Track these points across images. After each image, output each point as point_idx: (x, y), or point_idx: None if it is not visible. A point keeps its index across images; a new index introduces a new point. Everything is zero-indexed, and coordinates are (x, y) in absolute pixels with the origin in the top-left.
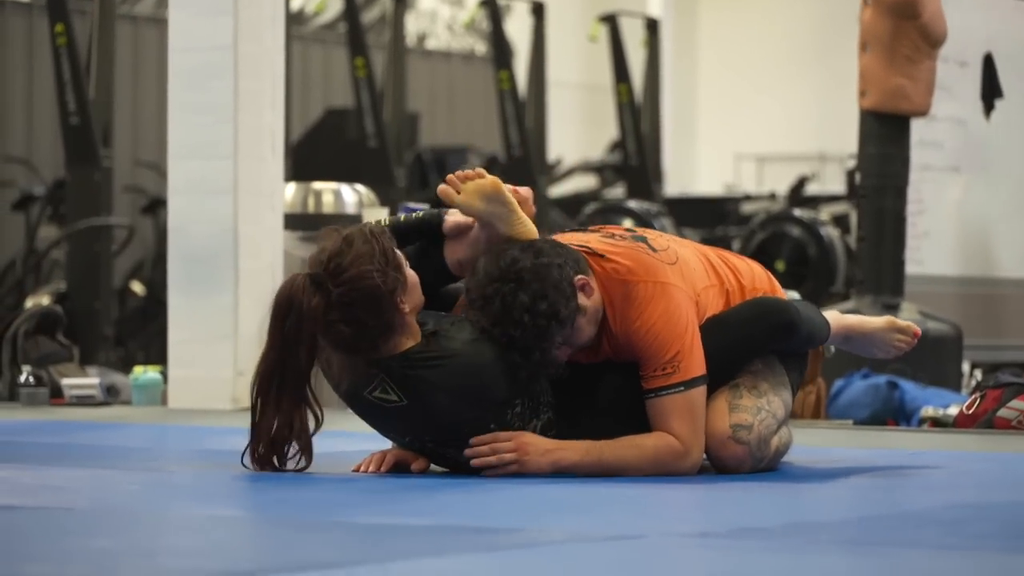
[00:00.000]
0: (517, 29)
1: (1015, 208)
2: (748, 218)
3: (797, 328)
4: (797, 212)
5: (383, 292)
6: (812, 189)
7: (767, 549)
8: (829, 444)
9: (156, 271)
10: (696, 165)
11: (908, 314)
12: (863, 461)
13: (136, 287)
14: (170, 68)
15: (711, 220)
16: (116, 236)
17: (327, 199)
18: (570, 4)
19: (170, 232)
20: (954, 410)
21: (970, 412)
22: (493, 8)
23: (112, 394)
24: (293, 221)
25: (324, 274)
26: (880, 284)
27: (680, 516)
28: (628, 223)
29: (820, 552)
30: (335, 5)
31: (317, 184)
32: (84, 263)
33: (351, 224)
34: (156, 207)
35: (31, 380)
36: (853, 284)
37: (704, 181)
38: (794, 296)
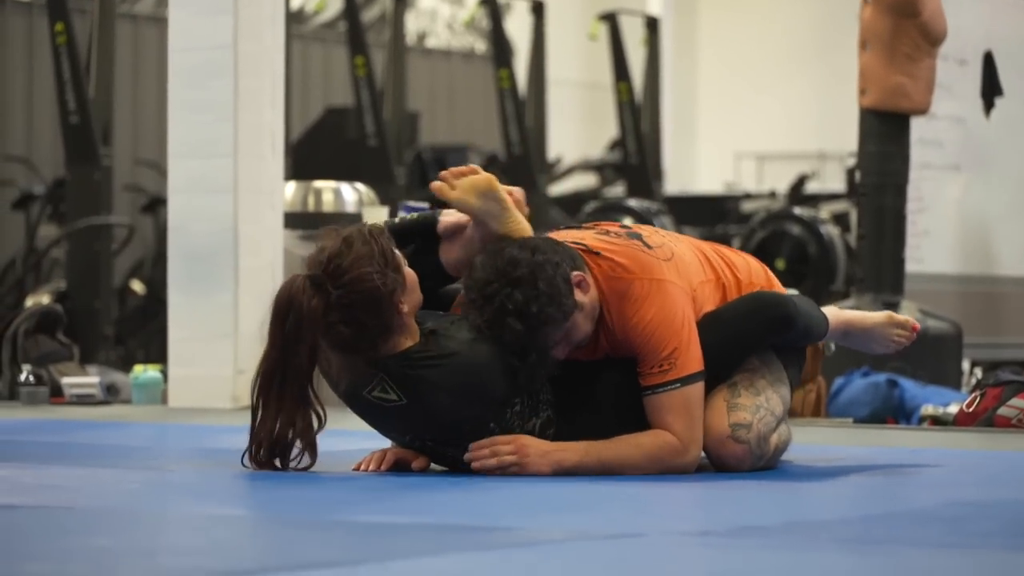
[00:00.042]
0: (517, 27)
1: (1015, 206)
2: (748, 217)
3: (794, 321)
4: (797, 210)
5: (383, 293)
6: (812, 187)
7: (767, 547)
8: (829, 442)
9: (156, 270)
10: (696, 163)
11: (908, 312)
12: (863, 459)
13: (136, 286)
14: (170, 67)
15: (711, 219)
16: (116, 235)
17: (327, 198)
18: (570, 2)
19: (170, 231)
20: (954, 408)
21: (970, 410)
22: (493, 6)
23: (112, 393)
24: (293, 220)
25: (323, 275)
26: (880, 282)
27: (680, 514)
28: (628, 221)
29: (820, 550)
30: (335, 4)
31: (317, 183)
32: (84, 262)
33: (351, 223)
34: (156, 206)
35: (31, 379)
36: (853, 282)
37: (704, 179)
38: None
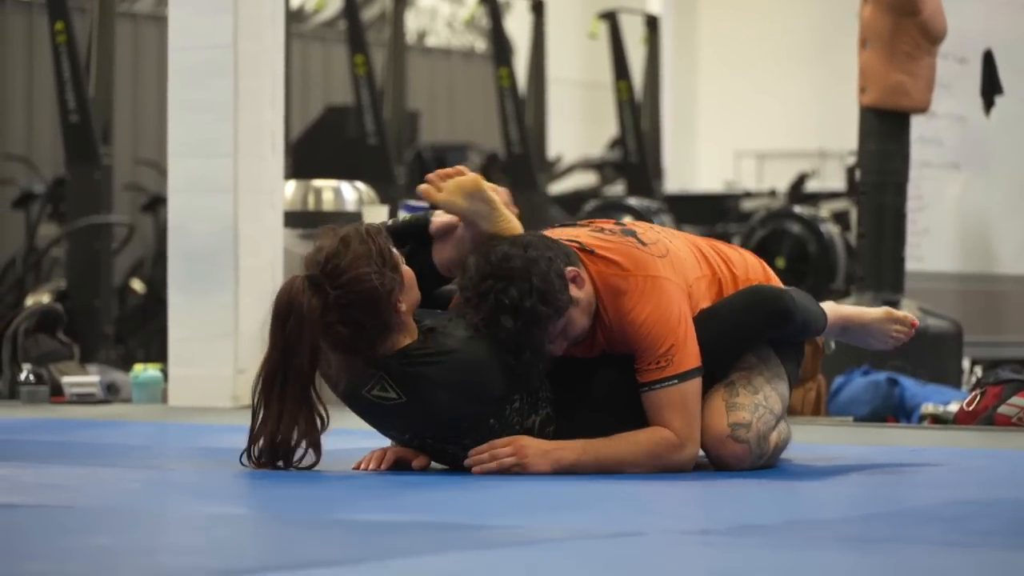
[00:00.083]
0: (517, 26)
1: (1015, 204)
2: (748, 215)
3: (792, 315)
4: (797, 209)
5: (381, 293)
6: (812, 186)
7: (767, 546)
8: (829, 441)
9: (156, 269)
10: (696, 162)
11: (908, 311)
12: (863, 458)
13: (136, 285)
14: (170, 66)
15: (711, 217)
16: (116, 234)
17: (327, 197)
18: (570, 1)
19: (170, 230)
20: (954, 407)
21: (970, 409)
22: (493, 5)
23: (112, 392)
24: (293, 219)
25: (321, 276)
26: (880, 281)
27: (680, 513)
28: (628, 220)
29: (821, 549)
30: (335, 3)
31: (317, 182)
32: (84, 261)
33: (351, 222)
34: (156, 205)
35: (31, 378)
36: (853, 281)
37: (704, 178)
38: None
